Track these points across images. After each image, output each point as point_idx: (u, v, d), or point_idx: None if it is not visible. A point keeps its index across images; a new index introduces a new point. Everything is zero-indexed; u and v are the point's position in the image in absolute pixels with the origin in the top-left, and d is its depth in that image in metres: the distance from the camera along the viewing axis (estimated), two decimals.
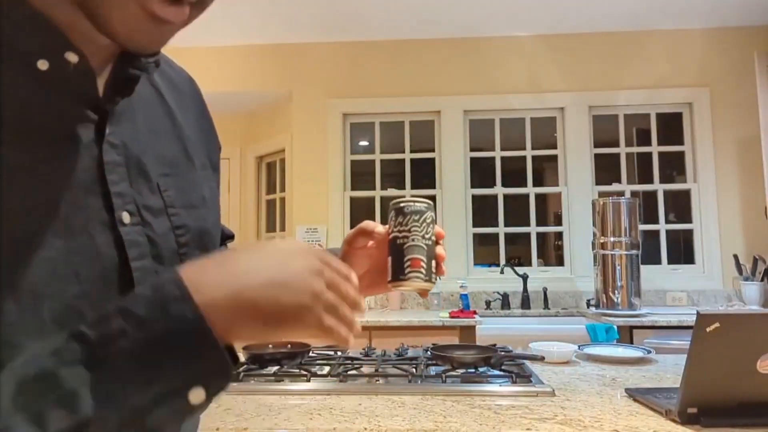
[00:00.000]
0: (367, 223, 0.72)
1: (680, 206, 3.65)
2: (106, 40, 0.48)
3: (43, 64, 0.45)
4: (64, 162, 0.46)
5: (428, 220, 0.69)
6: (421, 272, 0.67)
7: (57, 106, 0.46)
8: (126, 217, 0.49)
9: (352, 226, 3.73)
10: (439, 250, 0.71)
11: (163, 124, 0.60)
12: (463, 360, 1.42)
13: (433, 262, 0.69)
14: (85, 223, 0.46)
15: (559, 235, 3.77)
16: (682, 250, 3.65)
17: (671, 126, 3.64)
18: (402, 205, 0.69)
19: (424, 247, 0.68)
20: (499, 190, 3.67)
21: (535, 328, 2.79)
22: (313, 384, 1.32)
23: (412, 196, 0.71)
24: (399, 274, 0.67)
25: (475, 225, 3.67)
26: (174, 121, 0.62)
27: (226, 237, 0.81)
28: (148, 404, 0.39)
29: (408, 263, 0.67)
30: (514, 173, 3.88)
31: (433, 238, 0.70)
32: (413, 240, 0.68)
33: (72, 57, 0.46)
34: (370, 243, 0.72)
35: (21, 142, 0.43)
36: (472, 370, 1.41)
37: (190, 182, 0.60)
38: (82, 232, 0.45)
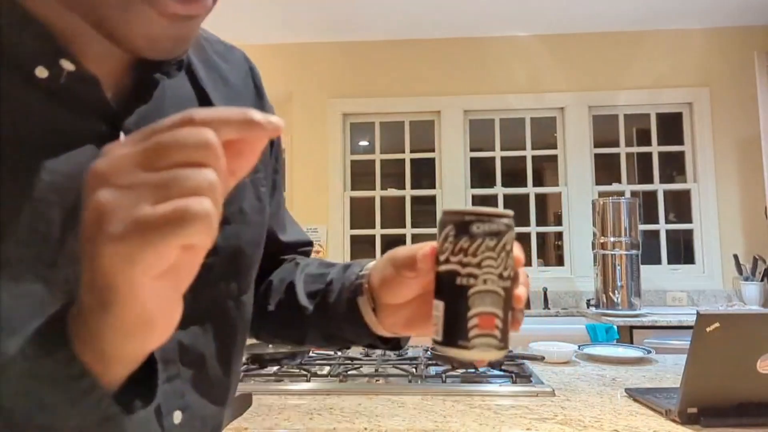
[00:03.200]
0: (416, 248, 0.49)
1: (680, 206, 3.65)
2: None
3: (41, 72, 0.42)
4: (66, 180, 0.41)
5: (508, 247, 0.44)
6: (495, 335, 0.43)
7: (60, 117, 0.43)
8: None
9: (352, 226, 3.75)
10: (519, 290, 0.45)
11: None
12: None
13: (510, 313, 0.45)
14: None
15: (559, 235, 3.77)
16: (682, 250, 3.65)
17: (671, 126, 3.64)
18: (469, 219, 0.43)
19: (502, 293, 0.43)
20: (499, 190, 3.67)
21: (535, 328, 2.78)
22: (313, 384, 1.32)
23: (483, 207, 0.44)
24: (458, 338, 0.42)
25: None
26: None
27: (299, 245, 0.72)
28: None
29: (475, 321, 0.42)
30: (514, 173, 3.88)
31: (512, 273, 0.44)
32: (485, 282, 0.42)
33: (67, 65, 0.42)
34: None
35: (20, 157, 0.40)
36: (472, 370, 1.41)
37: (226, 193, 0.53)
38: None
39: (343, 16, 3.40)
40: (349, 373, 1.42)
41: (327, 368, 1.48)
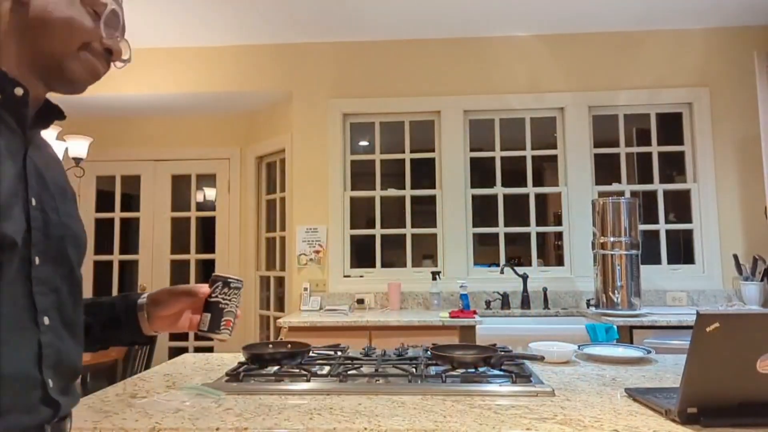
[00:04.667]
0: (195, 287, 1.04)
1: (680, 206, 3.65)
2: (38, 92, 0.79)
3: None
4: (4, 161, 0.70)
5: (240, 292, 1.05)
6: (229, 329, 1.02)
7: (5, 125, 0.73)
8: (33, 202, 0.75)
9: (352, 226, 3.75)
10: (239, 312, 1.07)
11: (56, 164, 0.87)
12: (463, 360, 1.42)
13: (235, 320, 1.04)
14: (15, 199, 0.70)
15: (559, 235, 3.78)
16: (682, 250, 3.65)
17: (671, 126, 3.64)
18: (230, 281, 1.03)
19: (235, 311, 1.04)
20: (499, 190, 3.67)
21: (535, 328, 2.79)
22: (313, 384, 1.32)
23: (231, 276, 1.08)
24: (215, 328, 1.00)
25: (475, 225, 3.67)
26: (59, 166, 0.89)
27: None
28: None
29: (224, 323, 1.01)
30: (514, 173, 3.89)
31: (240, 303, 1.05)
32: (231, 307, 1.02)
33: (19, 91, 0.75)
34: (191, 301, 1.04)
35: None
36: (472, 370, 1.41)
37: (69, 203, 0.85)
38: (13, 203, 0.70)
39: (343, 16, 3.40)
40: (349, 373, 1.42)
41: (327, 368, 1.48)
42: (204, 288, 1.03)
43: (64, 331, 0.79)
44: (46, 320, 0.75)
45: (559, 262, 3.68)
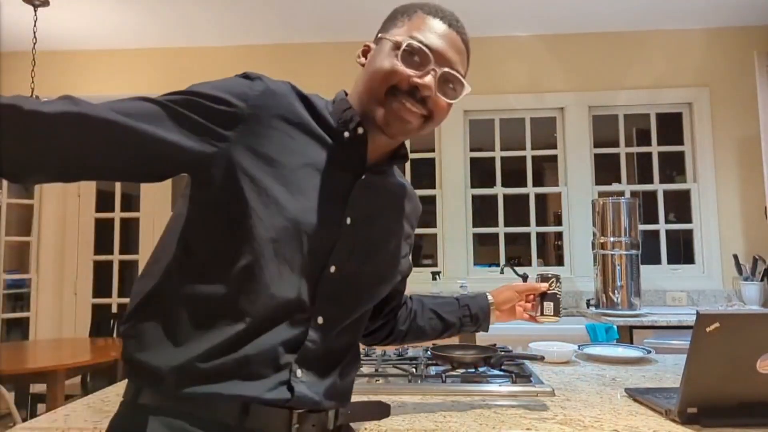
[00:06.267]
0: (535, 284, 1.25)
1: (680, 206, 3.65)
2: (378, 136, 0.86)
3: (346, 134, 0.86)
4: (330, 182, 0.83)
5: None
6: (561, 311, 1.25)
7: (341, 158, 0.85)
8: (348, 221, 0.84)
9: None
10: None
11: (393, 201, 1.00)
12: (463, 360, 1.42)
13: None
14: (327, 217, 0.81)
15: (559, 235, 3.78)
16: (682, 250, 3.65)
17: (671, 126, 3.64)
18: (559, 276, 1.25)
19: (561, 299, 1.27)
20: (499, 190, 3.67)
21: (535, 328, 2.79)
22: None
23: (557, 273, 1.29)
24: (557, 313, 1.22)
25: (475, 225, 3.67)
26: (400, 205, 1.03)
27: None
28: None
29: (561, 308, 1.24)
30: (514, 173, 3.88)
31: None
32: (560, 296, 1.25)
33: (360, 130, 0.86)
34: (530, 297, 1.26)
35: (310, 172, 0.82)
36: (472, 370, 1.41)
37: (387, 235, 0.95)
38: (328, 224, 0.81)
39: (344, 16, 3.40)
40: None
41: None
42: (544, 284, 1.23)
43: (336, 338, 0.84)
44: (320, 320, 0.81)
45: (559, 262, 3.68)
